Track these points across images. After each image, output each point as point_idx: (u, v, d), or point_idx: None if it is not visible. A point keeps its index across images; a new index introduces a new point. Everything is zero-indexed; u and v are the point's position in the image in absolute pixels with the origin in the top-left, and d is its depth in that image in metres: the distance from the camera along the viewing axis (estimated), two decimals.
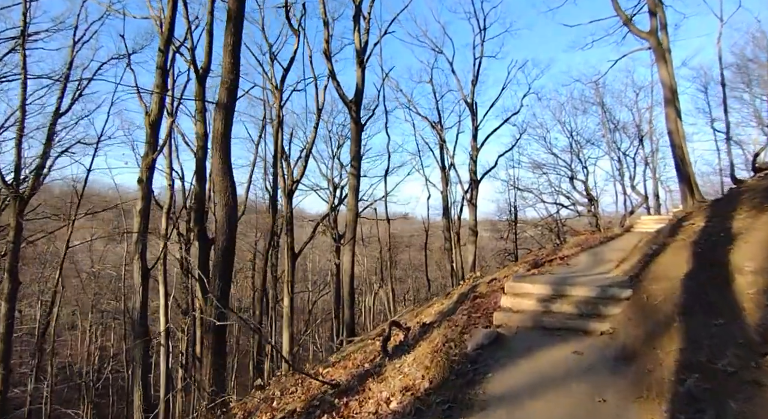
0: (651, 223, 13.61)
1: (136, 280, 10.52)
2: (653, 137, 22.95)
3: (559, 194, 21.97)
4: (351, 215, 14.44)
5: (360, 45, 14.98)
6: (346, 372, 4.65)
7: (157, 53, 11.32)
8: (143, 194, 10.79)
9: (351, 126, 14.84)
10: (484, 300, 5.37)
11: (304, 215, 35.74)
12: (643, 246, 6.92)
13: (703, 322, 3.34)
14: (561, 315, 4.67)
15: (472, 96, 21.51)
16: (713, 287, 3.70)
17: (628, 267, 6.12)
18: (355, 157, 14.56)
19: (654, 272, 4.84)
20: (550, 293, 5.12)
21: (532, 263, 9.18)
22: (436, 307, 6.46)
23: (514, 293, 5.30)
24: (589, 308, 4.65)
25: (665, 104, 12.98)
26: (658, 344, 3.46)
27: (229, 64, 6.84)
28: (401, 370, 3.88)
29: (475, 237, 20.03)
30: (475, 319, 4.81)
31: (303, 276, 38.58)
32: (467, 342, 4.13)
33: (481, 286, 6.26)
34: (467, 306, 5.27)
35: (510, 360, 3.74)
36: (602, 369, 3.44)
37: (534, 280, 5.49)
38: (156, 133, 11.26)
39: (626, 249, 9.08)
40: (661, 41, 12.73)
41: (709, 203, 6.96)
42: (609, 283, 5.11)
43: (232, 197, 6.74)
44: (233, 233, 6.73)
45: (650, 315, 4.00)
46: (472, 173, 20.82)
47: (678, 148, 12.48)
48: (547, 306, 4.85)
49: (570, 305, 4.77)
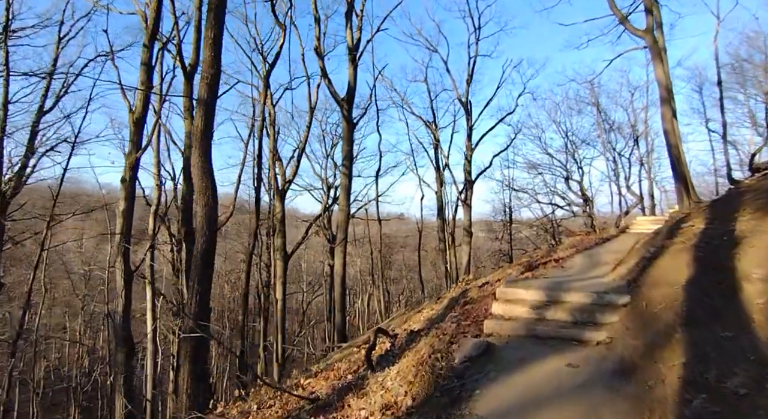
0: (647, 224, 13.42)
1: (119, 283, 10.16)
2: (648, 138, 22.87)
3: (555, 194, 21.80)
4: (342, 216, 14.15)
5: (352, 42, 14.69)
6: (328, 384, 4.36)
7: (142, 49, 10.98)
8: (126, 194, 10.44)
9: (343, 125, 14.56)
10: (475, 307, 5.10)
11: (298, 215, 35.40)
12: (641, 249, 6.68)
13: (709, 334, 3.08)
14: (555, 323, 4.41)
15: (467, 95, 21.31)
16: (718, 295, 3.44)
17: (625, 271, 5.88)
18: (347, 156, 14.28)
19: (653, 277, 4.59)
20: (544, 299, 4.86)
21: (526, 265, 8.93)
22: (425, 312, 6.19)
23: (506, 299, 5.03)
24: (584, 316, 4.39)
25: (661, 104, 12.78)
26: (659, 357, 3.20)
27: (209, 58, 6.54)
28: (384, 385, 3.59)
29: (469, 238, 19.80)
30: (464, 327, 4.54)
31: (297, 277, 38.23)
32: (455, 353, 3.86)
33: (472, 291, 5.99)
34: (457, 313, 4.99)
35: (500, 375, 3.47)
36: (599, 384, 3.17)
37: (527, 285, 5.23)
38: (140, 131, 10.91)
39: (622, 251, 8.85)
40: (657, 40, 12.54)
41: (708, 204, 6.74)
42: (605, 288, 4.86)
43: (213, 197, 6.43)
44: (213, 235, 6.42)
45: (650, 323, 3.74)
46: (467, 173, 20.60)
47: (674, 147, 12.28)
48: (541, 313, 4.59)
49: (564, 312, 4.51)
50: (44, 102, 14.52)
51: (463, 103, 21.28)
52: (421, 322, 5.64)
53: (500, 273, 9.61)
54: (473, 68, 21.36)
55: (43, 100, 14.49)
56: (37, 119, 14.30)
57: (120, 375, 9.96)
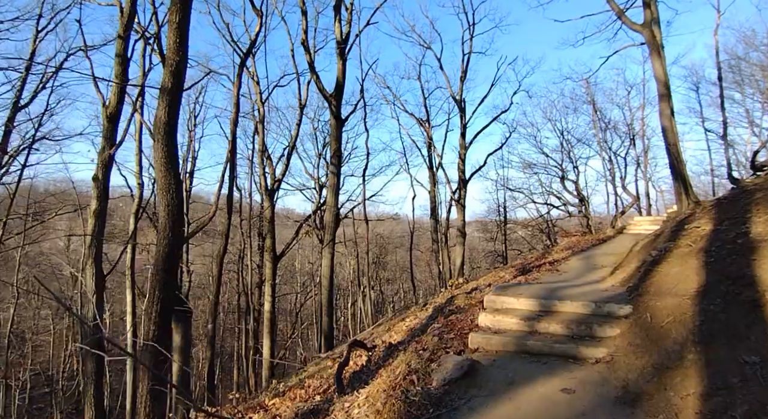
0: (645, 224, 13.00)
1: (89, 287, 9.57)
2: (644, 137, 22.52)
3: (550, 194, 21.39)
4: (330, 216, 13.60)
5: (341, 36, 14.16)
6: (293, 407, 3.85)
7: (117, 40, 10.40)
8: (98, 193, 9.84)
9: (330, 121, 14.01)
10: (460, 317, 4.60)
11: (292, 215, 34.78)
12: (641, 251, 6.22)
13: (729, 357, 2.60)
14: (548, 337, 3.92)
15: (461, 93, 20.83)
16: (737, 309, 2.97)
17: (625, 276, 5.41)
18: (335, 154, 13.75)
19: (657, 285, 4.11)
20: (537, 309, 4.38)
21: (520, 268, 8.47)
22: (409, 321, 5.68)
23: (494, 308, 4.54)
24: (581, 329, 3.91)
25: (659, 100, 12.34)
26: (670, 383, 2.72)
27: (174, 44, 5.98)
28: (350, 413, 3.09)
29: (463, 239, 19.32)
30: (447, 341, 4.04)
31: (290, 278, 37.63)
32: (434, 373, 3.35)
33: (459, 298, 5.49)
34: (440, 324, 4.49)
35: (484, 402, 2.97)
36: (600, 416, 2.68)
37: (518, 292, 4.74)
38: (114, 127, 10.32)
39: (620, 253, 8.41)
40: (655, 35, 12.15)
41: (713, 203, 6.28)
42: (605, 297, 4.38)
43: (177, 195, 5.88)
44: (178, 239, 5.88)
45: (657, 340, 3.26)
46: (461, 172, 20.11)
47: (672, 145, 11.82)
48: (532, 325, 4.10)
49: (559, 324, 4.03)
50: (19, 97, 13.92)
51: (457, 101, 20.82)
52: (402, 332, 5.14)
53: (492, 276, 9.13)
54: (467, 65, 20.93)
55: (18, 95, 13.88)
56: (11, 114, 13.67)
57: (90, 384, 9.37)
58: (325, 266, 13.44)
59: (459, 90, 20.85)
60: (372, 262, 34.62)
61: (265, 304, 19.09)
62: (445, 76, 21.64)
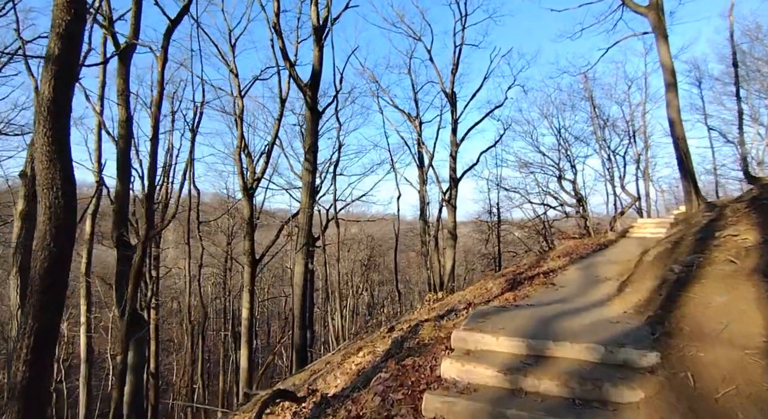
0: (650, 227, 11.80)
1: (13, 300, 8.28)
2: (645, 134, 21.40)
3: (547, 194, 20.18)
4: (304, 217, 12.34)
5: (318, 21, 12.90)
6: None
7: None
8: (26, 192, 8.57)
9: (306, 114, 12.79)
10: (419, 361, 3.33)
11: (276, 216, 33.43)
12: (656, 264, 4.96)
13: None
14: (538, 402, 2.66)
15: (452, 86, 19.59)
16: None
17: (640, 299, 4.16)
18: (309, 149, 12.48)
19: (694, 321, 2.88)
20: (523, 352, 3.12)
21: (510, 280, 7.22)
22: (362, 356, 4.40)
23: (465, 349, 3.28)
24: (586, 389, 2.66)
25: (666, 90, 11.13)
26: None
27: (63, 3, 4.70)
28: None
29: (453, 241, 18.08)
30: (393, 404, 2.79)
31: (280, 281, 36.32)
32: None
33: (425, 327, 4.23)
34: (389, 373, 3.22)
35: None
36: None
37: (499, 326, 3.48)
38: None
39: (625, 261, 7.19)
40: (661, 19, 10.96)
41: (746, 204, 5.05)
42: (617, 335, 3.13)
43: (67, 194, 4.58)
44: (66, 249, 4.57)
45: None
46: (452, 170, 18.87)
47: (681, 140, 10.60)
48: (516, 381, 2.84)
49: (554, 378, 2.78)
50: None
51: (448, 95, 19.58)
52: (348, 375, 3.88)
53: (478, 288, 7.89)
54: (459, 57, 19.70)
55: None
56: None
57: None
58: (298, 273, 12.18)
59: (450, 83, 19.61)
60: (363, 264, 33.39)
61: (242, 311, 17.84)
62: (435, 70, 20.40)
